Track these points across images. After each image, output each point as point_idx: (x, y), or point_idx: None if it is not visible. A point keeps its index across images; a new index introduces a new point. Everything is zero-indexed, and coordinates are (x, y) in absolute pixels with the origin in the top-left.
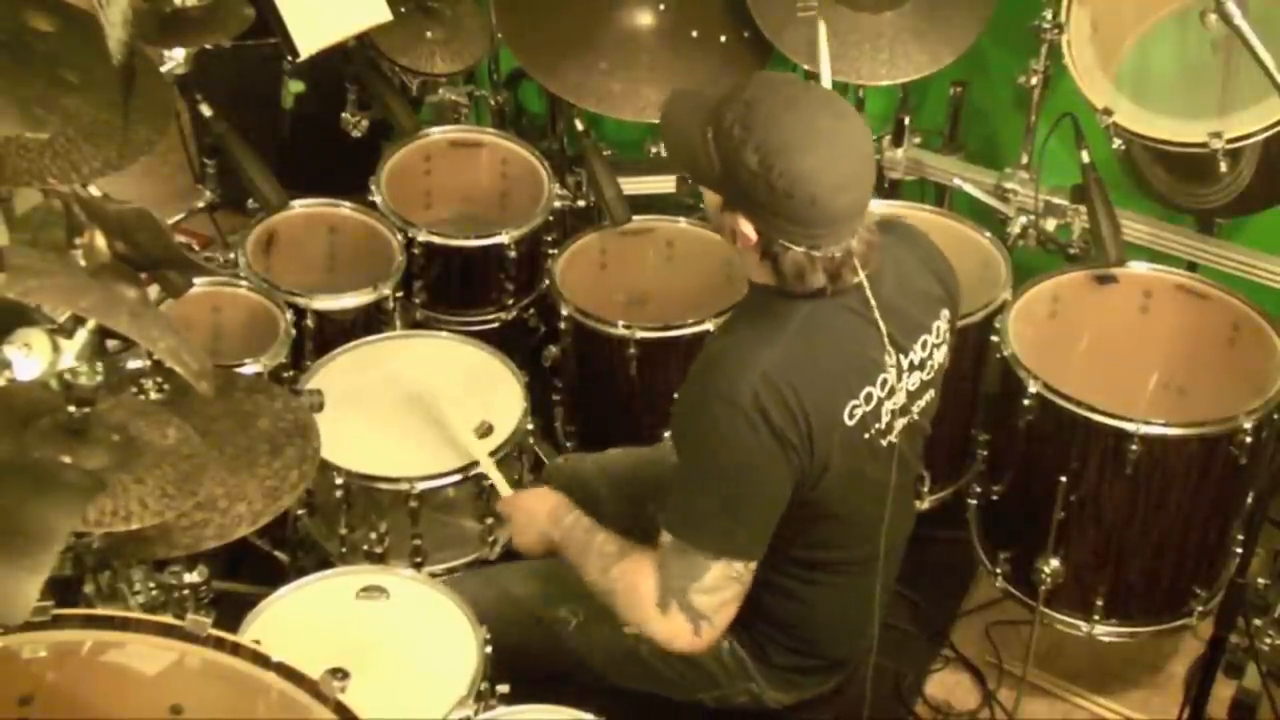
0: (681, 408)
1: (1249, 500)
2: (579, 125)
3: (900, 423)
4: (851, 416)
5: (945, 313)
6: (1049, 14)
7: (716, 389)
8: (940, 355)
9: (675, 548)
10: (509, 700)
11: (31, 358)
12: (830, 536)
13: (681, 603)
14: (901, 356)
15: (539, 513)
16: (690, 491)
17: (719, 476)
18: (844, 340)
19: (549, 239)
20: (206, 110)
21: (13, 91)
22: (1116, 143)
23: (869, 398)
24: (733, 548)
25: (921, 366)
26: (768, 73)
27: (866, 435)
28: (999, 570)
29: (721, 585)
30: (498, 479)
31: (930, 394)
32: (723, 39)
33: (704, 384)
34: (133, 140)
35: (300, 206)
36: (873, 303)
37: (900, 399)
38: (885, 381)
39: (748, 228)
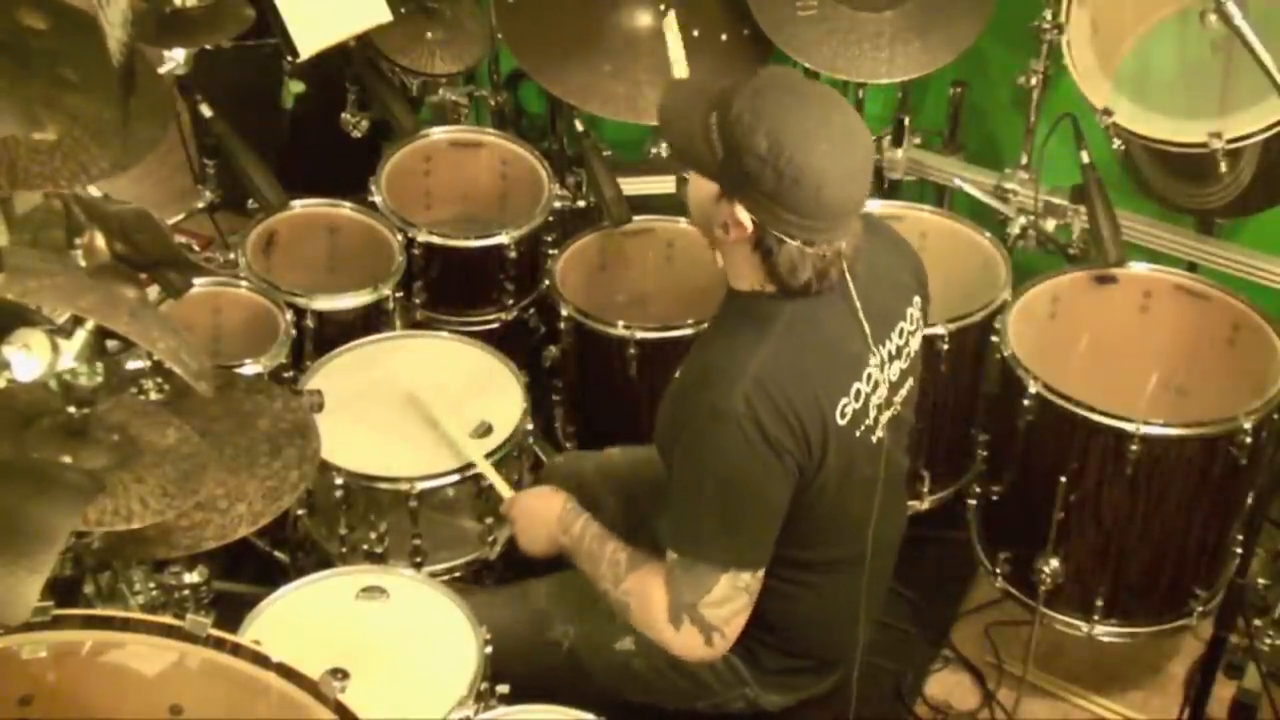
0: (673, 422)
1: (1249, 500)
2: (579, 126)
3: (885, 416)
4: (843, 415)
5: (917, 299)
6: (1049, 14)
7: (708, 401)
8: (916, 342)
9: (681, 564)
10: (509, 700)
11: (31, 358)
12: (819, 535)
13: (693, 617)
14: (880, 348)
15: (545, 516)
16: (690, 506)
17: (717, 489)
18: (830, 339)
19: (549, 239)
20: (206, 110)
21: (14, 91)
22: (1116, 143)
23: (858, 394)
24: (738, 559)
25: (899, 355)
26: (774, 66)
27: (857, 433)
28: (999, 570)
29: (730, 596)
30: (496, 480)
31: (910, 382)
32: (723, 38)
33: (694, 398)
34: (137, 137)
35: (300, 206)
36: (856, 301)
37: (884, 392)
38: (870, 376)
39: (744, 216)
